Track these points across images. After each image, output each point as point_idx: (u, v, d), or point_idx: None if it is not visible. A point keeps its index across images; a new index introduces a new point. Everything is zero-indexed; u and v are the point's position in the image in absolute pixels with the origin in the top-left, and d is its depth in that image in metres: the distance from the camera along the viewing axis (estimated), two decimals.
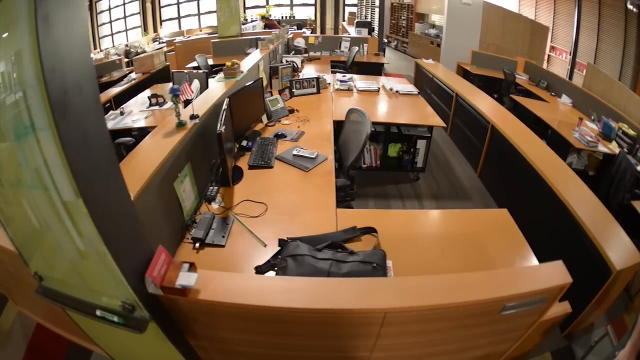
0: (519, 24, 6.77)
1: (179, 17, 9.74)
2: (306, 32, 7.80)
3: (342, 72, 4.79)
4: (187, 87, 1.92)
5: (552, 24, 6.67)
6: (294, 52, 5.45)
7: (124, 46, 7.43)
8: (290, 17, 10.47)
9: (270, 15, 9.85)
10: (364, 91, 3.78)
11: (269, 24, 8.89)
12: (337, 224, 1.61)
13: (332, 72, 4.64)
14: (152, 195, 1.34)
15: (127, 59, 6.29)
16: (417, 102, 3.56)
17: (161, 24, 9.29)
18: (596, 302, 1.72)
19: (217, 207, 1.75)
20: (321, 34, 7.99)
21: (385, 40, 7.61)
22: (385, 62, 6.27)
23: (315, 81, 3.59)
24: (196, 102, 2.06)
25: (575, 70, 5.97)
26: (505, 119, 3.19)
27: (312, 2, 9.62)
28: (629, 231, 1.75)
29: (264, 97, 2.78)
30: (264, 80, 3.18)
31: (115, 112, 3.45)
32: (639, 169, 2.88)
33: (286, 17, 10.44)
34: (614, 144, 3.36)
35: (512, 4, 7.27)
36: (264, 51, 3.81)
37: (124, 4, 8.07)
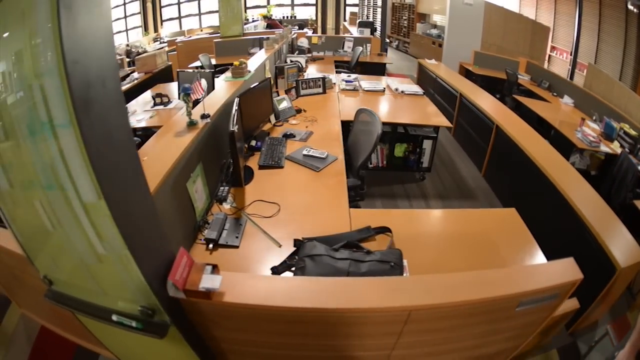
0: (520, 24, 6.80)
1: (180, 17, 9.74)
2: (308, 32, 7.82)
3: (347, 72, 4.80)
4: (199, 85, 1.87)
5: (553, 24, 6.70)
6: (297, 52, 5.46)
7: (124, 46, 7.42)
8: (291, 17, 10.46)
9: (271, 15, 9.85)
10: (369, 91, 3.79)
11: (271, 24, 8.89)
12: (351, 224, 1.61)
13: (336, 72, 4.65)
14: (166, 195, 1.32)
15: (128, 59, 6.29)
16: (422, 103, 3.58)
17: (162, 24, 9.28)
18: (600, 299, 1.74)
19: (228, 207, 1.74)
20: (322, 34, 7.99)
21: (387, 40, 7.62)
22: (388, 62, 6.29)
23: (321, 81, 3.60)
24: (206, 101, 2.04)
25: (576, 70, 6.00)
26: (509, 119, 3.22)
27: (313, 2, 9.61)
28: (630, 230, 1.78)
29: (272, 97, 2.80)
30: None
31: None
32: None
33: (287, 17, 10.42)
34: (616, 144, 3.39)
35: (513, 4, 7.29)
36: (269, 51, 3.82)
37: (124, 4, 8.05)
